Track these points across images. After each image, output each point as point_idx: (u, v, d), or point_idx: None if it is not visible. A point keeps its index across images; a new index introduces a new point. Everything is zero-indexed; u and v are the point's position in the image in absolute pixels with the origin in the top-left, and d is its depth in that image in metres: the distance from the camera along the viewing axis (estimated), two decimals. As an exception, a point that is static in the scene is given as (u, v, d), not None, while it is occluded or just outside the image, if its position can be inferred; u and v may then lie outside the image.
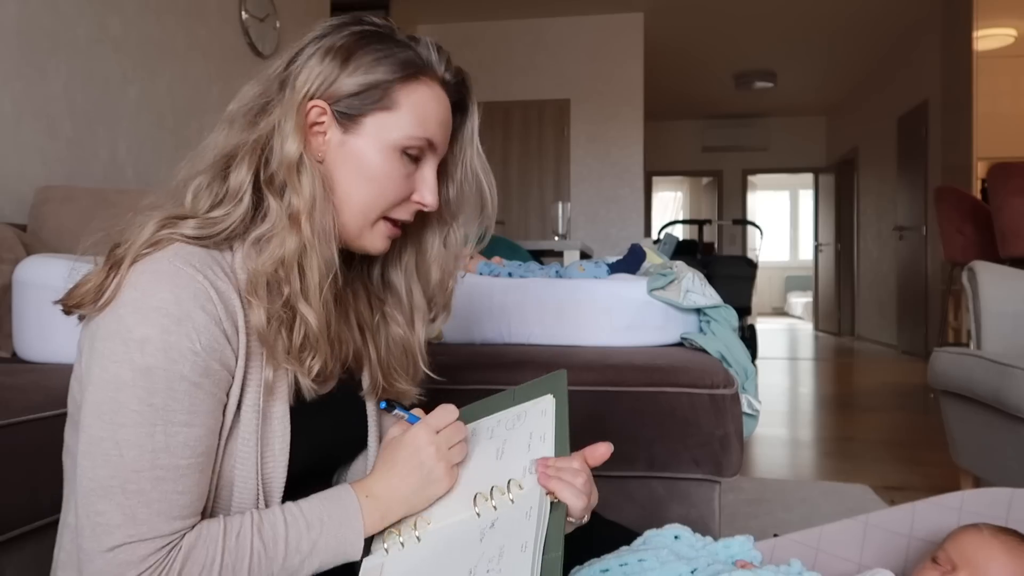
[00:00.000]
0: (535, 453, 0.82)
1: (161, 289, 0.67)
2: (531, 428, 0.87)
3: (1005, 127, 4.84)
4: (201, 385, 0.68)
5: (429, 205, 0.83)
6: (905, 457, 2.91)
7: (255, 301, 0.72)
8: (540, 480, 0.77)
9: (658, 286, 1.69)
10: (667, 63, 7.11)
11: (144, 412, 0.66)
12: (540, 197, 6.33)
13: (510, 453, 0.84)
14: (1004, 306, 2.06)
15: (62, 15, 2.66)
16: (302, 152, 0.76)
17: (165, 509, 0.66)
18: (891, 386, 4.94)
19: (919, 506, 1.10)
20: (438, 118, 0.82)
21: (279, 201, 0.76)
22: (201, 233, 0.74)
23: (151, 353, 0.66)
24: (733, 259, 5.34)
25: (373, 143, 0.79)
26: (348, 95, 0.78)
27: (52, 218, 2.15)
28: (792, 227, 13.68)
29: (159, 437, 0.66)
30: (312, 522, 0.73)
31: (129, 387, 0.66)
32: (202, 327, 0.68)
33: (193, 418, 0.68)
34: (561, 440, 0.83)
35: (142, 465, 0.66)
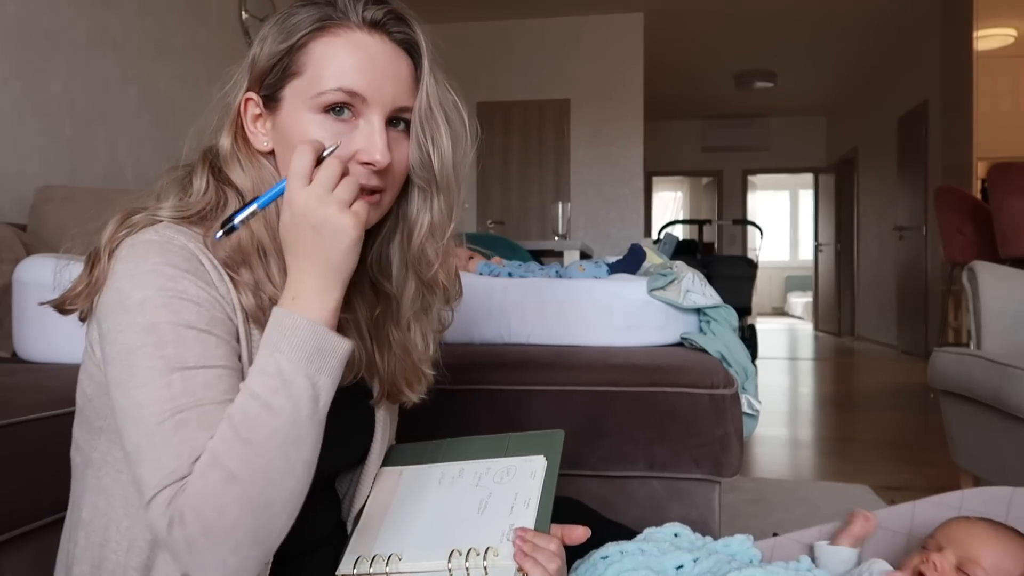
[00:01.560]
0: (517, 518, 0.82)
1: (151, 255, 0.68)
2: (517, 489, 0.86)
3: (1005, 127, 4.84)
4: (212, 332, 0.68)
5: (377, 162, 0.74)
6: (905, 457, 2.91)
7: (238, 279, 0.72)
8: (516, 556, 0.76)
9: (658, 286, 1.69)
10: (667, 63, 7.11)
11: (156, 365, 0.65)
12: (540, 197, 6.33)
13: (492, 511, 0.84)
14: (1004, 306, 2.06)
15: (62, 15, 2.66)
16: (232, 147, 0.77)
17: (188, 452, 0.63)
18: (891, 386, 4.94)
19: (919, 505, 1.11)
20: (357, 64, 0.74)
21: (232, 190, 0.77)
22: (177, 214, 0.75)
23: (151, 311, 0.66)
24: (733, 259, 5.34)
25: (293, 114, 0.75)
26: (266, 74, 0.76)
27: (52, 218, 2.15)
28: (792, 227, 13.68)
29: (176, 384, 0.65)
30: (263, 358, 0.66)
31: (138, 348, 0.65)
32: (198, 284, 0.68)
33: (209, 360, 0.67)
34: (544, 511, 0.83)
35: (163, 414, 0.64)
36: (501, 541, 0.79)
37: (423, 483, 0.91)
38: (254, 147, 0.79)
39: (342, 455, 0.88)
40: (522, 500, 0.84)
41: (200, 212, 0.76)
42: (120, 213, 0.75)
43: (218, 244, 0.73)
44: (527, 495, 0.84)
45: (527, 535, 0.77)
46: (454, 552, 0.78)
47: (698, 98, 8.78)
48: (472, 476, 0.89)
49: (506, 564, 0.77)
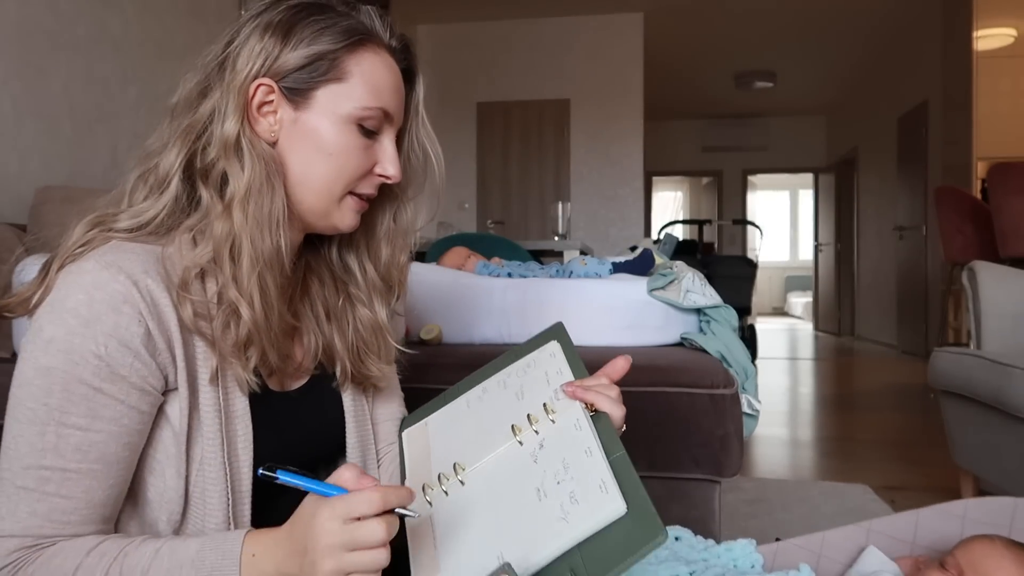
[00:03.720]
0: (556, 384, 0.81)
1: (77, 291, 0.67)
2: (545, 369, 0.85)
3: (1005, 127, 4.84)
4: (103, 390, 0.66)
5: (392, 177, 0.81)
6: (905, 457, 2.91)
7: (185, 296, 0.70)
8: (572, 396, 0.77)
9: (658, 286, 1.69)
10: (667, 63, 7.11)
11: (38, 411, 0.65)
12: (540, 197, 6.32)
13: (531, 392, 0.83)
14: (1004, 306, 2.06)
15: (62, 15, 2.66)
16: (239, 132, 0.74)
17: (44, 511, 0.65)
18: (891, 386, 4.94)
19: (923, 513, 1.10)
20: (390, 86, 0.80)
21: (210, 190, 0.74)
22: (132, 224, 0.74)
23: (53, 353, 0.65)
24: (733, 259, 5.34)
25: (327, 117, 0.76)
26: (294, 69, 0.75)
27: (52, 218, 2.15)
28: (792, 227, 13.67)
29: (50, 437, 0.65)
30: (182, 562, 0.64)
31: (28, 385, 0.66)
32: (111, 332, 0.66)
33: (91, 423, 0.66)
34: (578, 370, 0.82)
35: (30, 463, 0.65)
36: (553, 400, 0.79)
37: (452, 416, 0.89)
38: (260, 135, 0.77)
39: (317, 446, 0.86)
40: (554, 372, 0.83)
41: (155, 219, 0.74)
42: (84, 223, 0.74)
43: (184, 249, 0.72)
44: (557, 368, 0.84)
45: (573, 384, 0.78)
46: (514, 427, 0.77)
47: (698, 98, 8.78)
48: (497, 385, 0.88)
49: (570, 408, 0.77)
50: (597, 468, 0.69)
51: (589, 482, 0.68)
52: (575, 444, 0.73)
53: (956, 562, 0.96)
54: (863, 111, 8.22)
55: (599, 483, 0.68)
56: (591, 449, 0.71)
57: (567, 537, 0.66)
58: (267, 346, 0.74)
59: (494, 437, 0.79)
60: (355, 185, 0.80)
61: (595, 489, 0.68)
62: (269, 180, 0.75)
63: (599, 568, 0.63)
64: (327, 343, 0.87)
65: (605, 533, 0.66)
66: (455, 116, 6.34)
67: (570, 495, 0.68)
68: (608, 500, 0.66)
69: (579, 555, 0.66)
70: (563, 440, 0.74)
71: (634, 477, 0.68)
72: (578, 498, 0.68)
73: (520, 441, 0.76)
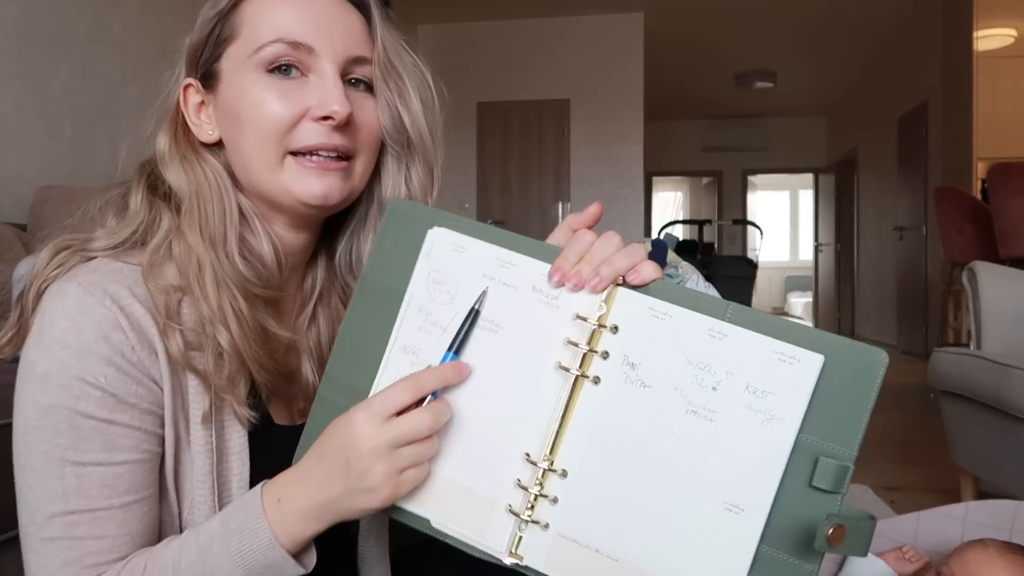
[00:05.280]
0: (528, 281, 0.59)
1: (62, 318, 0.60)
2: (474, 272, 0.60)
3: (1005, 127, 4.84)
4: (115, 421, 0.61)
5: (334, 113, 0.66)
6: (905, 457, 2.91)
7: (172, 323, 0.63)
8: (595, 286, 0.57)
9: (658, 286, 1.69)
10: (667, 63, 7.11)
11: (50, 454, 0.59)
12: (540, 197, 6.33)
13: (500, 312, 0.59)
14: (1004, 306, 2.06)
15: (62, 15, 2.66)
16: (170, 146, 0.69)
17: (76, 557, 0.60)
18: (891, 386, 4.91)
19: (923, 516, 1.11)
20: (297, 14, 0.67)
21: (171, 211, 0.69)
22: (111, 242, 0.67)
23: (51, 390, 0.59)
24: (733, 259, 5.35)
25: (233, 84, 0.68)
26: (199, 51, 0.70)
27: (52, 218, 2.15)
28: (792, 227, 13.67)
29: (69, 479, 0.59)
30: (209, 542, 0.60)
31: (34, 429, 0.60)
32: (106, 360, 0.60)
33: (111, 456, 0.60)
34: (524, 246, 0.60)
35: (53, 511, 0.59)
36: (558, 308, 0.58)
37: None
38: (197, 142, 0.71)
39: None
40: (496, 268, 0.60)
41: (133, 236, 0.68)
42: (50, 247, 0.66)
43: (158, 271, 0.64)
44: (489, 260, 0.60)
45: (565, 268, 0.58)
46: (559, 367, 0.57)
47: (698, 98, 8.77)
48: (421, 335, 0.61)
49: (610, 303, 0.57)
50: (744, 341, 0.53)
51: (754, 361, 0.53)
52: (677, 335, 0.54)
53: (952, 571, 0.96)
54: (863, 111, 8.22)
55: (772, 355, 0.52)
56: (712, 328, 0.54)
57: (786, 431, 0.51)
58: (253, 368, 0.66)
59: (530, 398, 0.58)
60: (289, 140, 0.67)
61: (772, 365, 0.52)
62: (210, 188, 0.68)
63: (844, 430, 0.51)
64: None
65: (820, 398, 0.52)
66: (455, 116, 6.34)
67: (746, 388, 0.53)
68: (798, 366, 0.52)
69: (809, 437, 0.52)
70: (655, 340, 0.55)
71: (771, 319, 0.54)
72: (759, 386, 0.53)
73: (591, 377, 0.56)
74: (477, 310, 0.59)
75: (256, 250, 0.70)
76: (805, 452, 0.52)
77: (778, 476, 0.52)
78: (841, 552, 0.52)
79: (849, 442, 0.52)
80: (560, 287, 0.58)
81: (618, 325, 0.56)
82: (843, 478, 0.52)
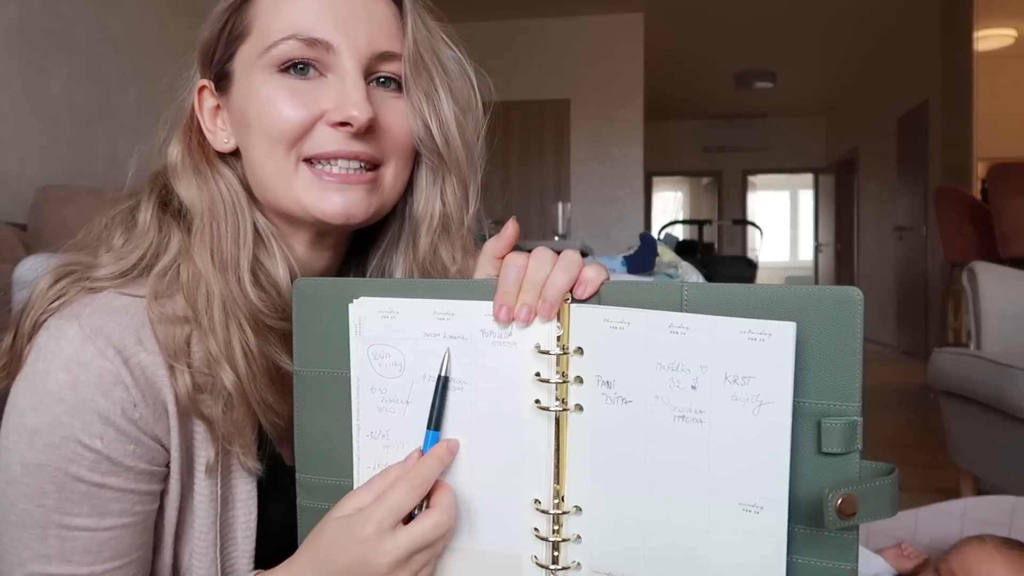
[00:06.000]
0: (471, 327, 0.54)
1: (58, 368, 0.55)
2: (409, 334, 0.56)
3: (1005, 127, 4.84)
4: (107, 485, 0.56)
5: (352, 118, 0.59)
6: (905, 457, 2.90)
7: (179, 364, 0.57)
8: (546, 314, 0.52)
9: (660, 287, 1.68)
10: (667, 63, 7.11)
11: (33, 512, 0.55)
12: (540, 197, 6.32)
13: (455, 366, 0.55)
14: (1004, 306, 2.06)
15: (62, 15, 2.66)
16: (183, 155, 0.63)
17: None
18: (891, 386, 4.93)
19: (922, 512, 1.11)
20: (315, 7, 0.60)
21: (182, 231, 0.62)
22: (116, 270, 0.60)
23: (40, 448, 0.54)
24: (733, 259, 5.35)
25: (245, 84, 0.61)
26: (213, 49, 0.64)
27: (52, 218, 2.15)
28: (792, 227, 13.67)
29: (52, 542, 0.55)
30: None
31: (18, 483, 0.55)
32: (105, 419, 0.55)
33: (99, 521, 0.56)
34: (451, 290, 0.56)
35: (34, 570, 0.56)
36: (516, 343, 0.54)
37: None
38: (212, 152, 0.64)
39: None
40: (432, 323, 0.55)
41: (141, 262, 0.61)
42: (51, 272, 0.60)
43: (165, 301, 0.59)
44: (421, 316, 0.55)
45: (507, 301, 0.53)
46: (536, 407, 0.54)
47: (698, 98, 8.77)
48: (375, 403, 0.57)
49: (563, 326, 0.53)
50: (707, 328, 0.49)
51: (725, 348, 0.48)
52: (640, 340, 0.50)
53: (950, 568, 0.96)
54: (863, 111, 8.22)
55: (741, 336, 0.48)
56: (671, 323, 0.50)
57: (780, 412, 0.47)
58: (260, 413, 0.60)
59: (518, 442, 0.54)
60: (302, 147, 0.60)
61: (744, 346, 0.48)
62: (225, 204, 0.62)
63: (840, 383, 0.47)
64: None
65: (803, 356, 0.48)
66: (455, 116, 6.33)
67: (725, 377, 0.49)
68: (771, 340, 0.47)
69: (806, 402, 0.48)
70: (620, 352, 0.51)
71: (737, 290, 0.49)
72: (739, 373, 0.48)
73: (575, 405, 0.53)
74: (446, 376, 0.55)
75: (272, 275, 0.63)
76: (806, 420, 0.48)
77: (786, 462, 0.48)
78: (863, 520, 0.47)
79: (849, 394, 0.48)
80: (509, 323, 0.53)
81: (581, 346, 0.53)
82: (853, 435, 0.48)
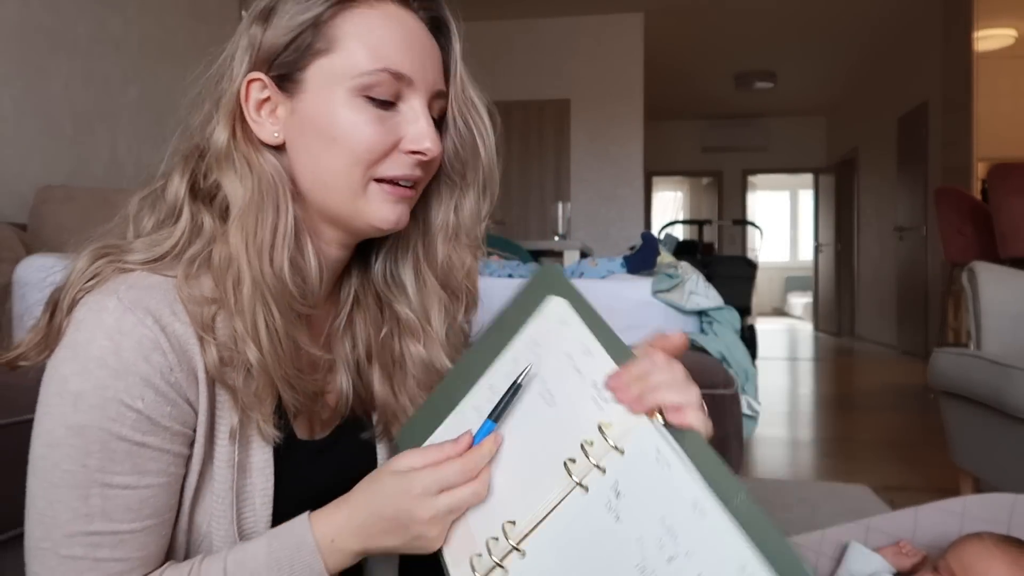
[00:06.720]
0: (593, 375, 0.60)
1: (101, 335, 0.59)
2: (564, 347, 0.63)
3: (1005, 127, 4.84)
4: (147, 444, 0.60)
5: (428, 151, 0.67)
6: (905, 457, 2.91)
7: (207, 337, 0.62)
8: (633, 407, 0.57)
9: (663, 288, 1.69)
10: (667, 63, 7.11)
11: (77, 473, 0.58)
12: (540, 197, 6.33)
13: (559, 390, 0.62)
14: (1004, 307, 2.06)
15: (62, 15, 2.66)
16: (229, 142, 0.66)
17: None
18: (891, 386, 4.94)
19: (921, 510, 1.11)
20: (399, 41, 0.66)
21: (213, 214, 0.66)
22: (148, 256, 0.65)
23: (84, 410, 0.58)
24: (733, 259, 5.34)
25: (324, 97, 0.65)
26: (280, 51, 0.66)
27: (52, 218, 2.15)
28: (792, 227, 13.67)
29: (95, 500, 0.59)
30: (256, 569, 0.61)
31: (61, 446, 0.59)
32: (145, 381, 0.59)
33: (139, 479, 0.60)
34: (612, 343, 0.61)
35: (75, 530, 0.59)
36: (602, 408, 0.58)
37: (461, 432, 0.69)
38: (257, 140, 0.67)
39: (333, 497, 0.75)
40: (579, 352, 0.62)
41: (173, 250, 0.65)
42: (87, 255, 0.65)
43: (194, 282, 0.63)
44: (579, 343, 0.62)
45: (622, 377, 0.58)
46: (567, 463, 0.58)
47: (698, 98, 8.78)
48: (505, 380, 0.65)
49: (631, 424, 0.56)
50: (722, 533, 0.49)
51: (717, 559, 0.49)
52: (668, 488, 0.53)
53: (948, 566, 0.96)
54: (863, 111, 8.22)
55: (735, 565, 0.48)
56: (699, 501, 0.51)
57: None
58: (281, 387, 0.65)
59: (542, 475, 0.59)
60: (377, 169, 0.67)
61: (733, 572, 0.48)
62: (268, 193, 0.65)
63: None
64: (364, 389, 0.77)
65: None
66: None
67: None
68: None
69: None
70: (647, 480, 0.54)
71: (771, 530, 0.48)
72: None
73: (583, 485, 0.57)
74: (520, 385, 0.63)
75: (302, 268, 0.68)
76: None
77: None
78: None
79: None
80: (610, 392, 0.59)
81: (625, 450, 0.56)
82: None
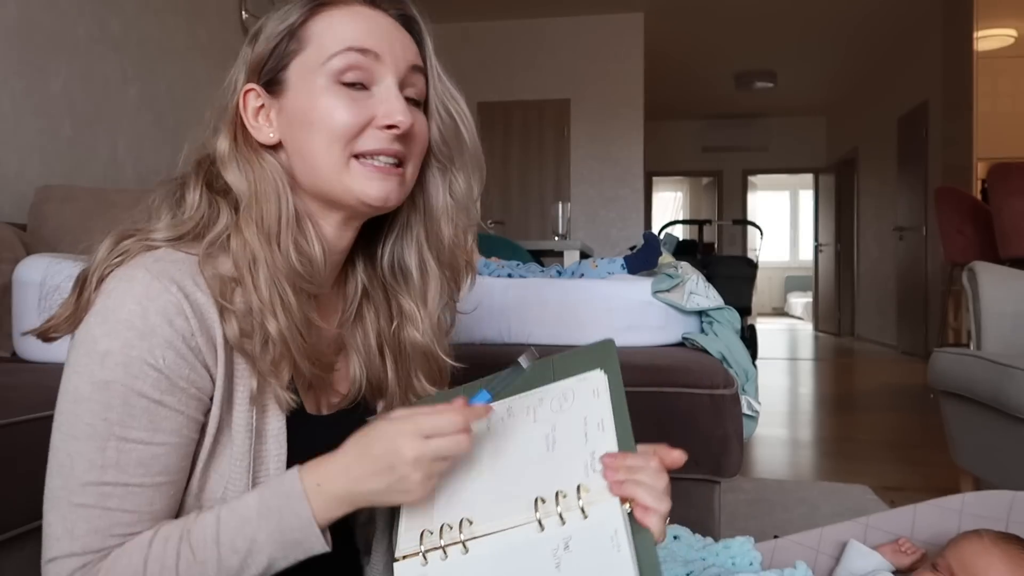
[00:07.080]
0: (596, 445, 0.68)
1: (130, 300, 0.65)
2: (584, 412, 0.71)
3: (1005, 127, 4.84)
4: (164, 403, 0.65)
5: (399, 123, 0.73)
6: (905, 457, 2.91)
7: (229, 309, 0.68)
8: (612, 487, 0.64)
9: (663, 288, 1.69)
10: (667, 63, 7.11)
11: (97, 426, 0.64)
12: (540, 197, 6.33)
13: (563, 444, 0.70)
14: (1004, 306, 2.06)
15: (62, 15, 2.66)
16: (230, 147, 0.73)
17: (104, 526, 0.64)
18: (891, 386, 4.94)
19: (920, 508, 1.11)
20: (365, 29, 0.74)
21: (229, 208, 0.73)
22: (172, 234, 0.71)
23: (110, 367, 0.64)
24: (733, 259, 5.33)
25: (303, 90, 0.73)
26: (264, 60, 0.74)
27: (52, 218, 2.15)
28: (792, 227, 13.67)
29: (111, 453, 0.64)
30: (248, 517, 0.65)
31: (86, 400, 0.64)
32: (168, 343, 0.65)
33: (153, 436, 0.65)
34: (623, 430, 0.68)
35: (89, 479, 0.64)
36: (588, 475, 0.66)
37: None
38: (256, 143, 0.75)
39: None
40: (594, 423, 0.70)
41: (194, 229, 0.72)
42: (112, 236, 0.71)
43: (213, 261, 0.70)
44: (598, 416, 0.70)
45: (616, 460, 0.66)
46: (538, 500, 0.65)
47: (698, 98, 8.78)
48: (525, 412, 0.74)
49: (604, 499, 0.64)
50: None
51: None
52: (609, 566, 0.60)
53: (947, 563, 0.96)
54: (863, 111, 8.22)
55: None
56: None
57: None
58: (298, 357, 0.71)
59: (512, 500, 0.67)
60: (355, 144, 0.73)
61: None
62: (269, 187, 0.72)
63: None
64: (376, 378, 0.83)
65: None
66: (455, 116, 6.33)
67: None
68: None
69: None
70: (594, 552, 0.62)
71: None
72: None
73: (541, 524, 0.64)
74: (522, 366, 0.72)
75: (307, 251, 0.74)
76: None
77: None
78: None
79: None
80: (601, 466, 0.66)
81: (589, 516, 0.63)
82: None
